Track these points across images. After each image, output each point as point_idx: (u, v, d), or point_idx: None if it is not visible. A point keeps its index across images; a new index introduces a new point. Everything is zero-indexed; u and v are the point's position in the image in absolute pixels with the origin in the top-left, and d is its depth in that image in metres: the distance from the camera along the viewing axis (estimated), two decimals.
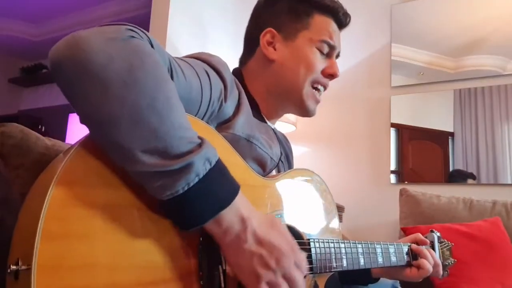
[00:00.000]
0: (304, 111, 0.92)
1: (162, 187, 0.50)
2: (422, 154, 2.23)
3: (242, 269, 0.56)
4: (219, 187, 0.54)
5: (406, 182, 2.21)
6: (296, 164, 1.03)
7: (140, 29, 0.55)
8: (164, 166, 0.49)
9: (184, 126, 0.53)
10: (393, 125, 2.31)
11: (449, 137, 2.18)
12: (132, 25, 0.54)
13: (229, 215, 0.55)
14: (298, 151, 2.51)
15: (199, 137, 0.54)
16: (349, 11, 0.95)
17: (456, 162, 2.13)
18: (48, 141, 0.74)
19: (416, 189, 1.97)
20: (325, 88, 0.93)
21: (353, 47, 2.46)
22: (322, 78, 0.90)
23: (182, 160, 0.50)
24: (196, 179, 0.51)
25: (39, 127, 4.05)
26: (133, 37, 0.52)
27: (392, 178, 2.26)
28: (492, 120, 2.10)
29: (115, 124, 0.48)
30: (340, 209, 2.12)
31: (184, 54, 0.81)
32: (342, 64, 2.53)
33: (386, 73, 2.37)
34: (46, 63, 4.50)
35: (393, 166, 2.27)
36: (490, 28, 2.15)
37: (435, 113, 2.25)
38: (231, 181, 0.57)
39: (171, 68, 0.60)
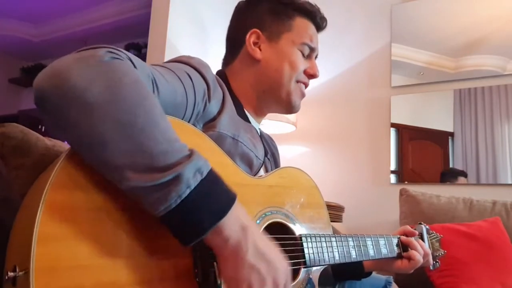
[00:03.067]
0: (290, 107, 0.96)
1: (155, 202, 0.50)
2: (422, 154, 2.23)
3: (238, 280, 0.56)
4: (215, 198, 0.53)
5: (406, 182, 2.21)
6: (296, 164, 1.03)
7: (118, 49, 0.56)
8: (153, 180, 0.49)
9: (170, 139, 0.52)
10: (393, 125, 2.31)
11: (449, 137, 2.18)
12: (110, 46, 0.55)
13: (229, 224, 0.54)
14: (298, 151, 2.51)
15: (189, 149, 0.54)
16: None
17: (456, 162, 2.13)
18: (48, 142, 0.74)
19: (416, 189, 1.97)
20: (305, 86, 0.98)
21: (353, 47, 2.47)
22: (304, 78, 0.95)
23: (170, 172, 0.49)
24: (188, 191, 0.50)
25: (39, 127, 4.05)
26: (112, 58, 0.52)
27: (392, 178, 2.26)
28: (492, 120, 2.10)
29: (100, 144, 0.49)
30: (340, 209, 2.12)
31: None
32: (342, 64, 2.55)
33: (386, 73, 2.37)
34: (46, 63, 4.50)
35: (393, 166, 2.27)
36: (490, 28, 2.15)
37: (435, 113, 2.25)
38: (226, 190, 0.56)
39: (154, 80, 0.61)
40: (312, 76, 0.96)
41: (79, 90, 0.48)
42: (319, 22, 0.98)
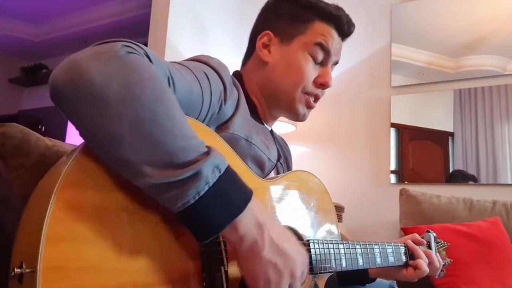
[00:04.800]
0: (295, 115, 0.92)
1: (173, 199, 0.50)
2: (422, 154, 2.23)
3: (256, 276, 0.56)
4: (232, 194, 0.54)
5: (406, 182, 2.21)
6: (296, 164, 1.03)
7: (136, 43, 0.55)
8: (172, 176, 0.49)
9: (188, 135, 0.52)
10: (393, 125, 2.31)
11: (449, 137, 2.18)
12: (127, 40, 0.54)
13: (245, 221, 0.54)
14: (298, 151, 2.51)
15: (207, 146, 0.54)
16: (349, 11, 0.95)
17: (456, 162, 2.13)
18: (49, 141, 0.74)
19: (416, 189, 1.97)
20: (316, 99, 0.91)
21: (353, 47, 2.46)
22: (313, 89, 0.89)
23: (190, 169, 0.49)
24: (206, 187, 0.51)
25: (39, 127, 4.05)
26: (129, 52, 0.52)
27: (392, 178, 2.26)
28: (492, 120, 2.10)
29: (119, 141, 0.48)
30: (340, 209, 2.12)
31: (184, 54, 0.82)
32: (342, 64, 2.52)
33: (386, 73, 2.37)
34: (46, 63, 4.50)
35: (393, 166, 2.27)
36: (490, 28, 2.15)
37: (435, 113, 2.25)
38: (243, 186, 0.56)
39: (171, 76, 0.60)
40: (322, 85, 0.89)
41: (96, 86, 0.48)
42: (344, 27, 0.90)
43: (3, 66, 4.49)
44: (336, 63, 0.94)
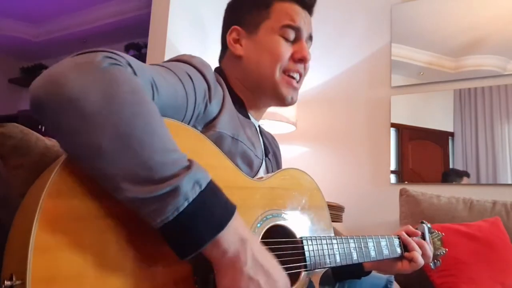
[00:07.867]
0: (281, 100, 0.91)
1: (152, 214, 0.49)
2: (422, 154, 2.23)
3: None
4: (213, 210, 0.52)
5: (406, 182, 2.21)
6: (296, 164, 1.03)
7: (117, 53, 0.54)
8: (150, 191, 0.48)
9: (168, 149, 0.51)
10: (393, 125, 2.30)
11: (449, 137, 2.18)
12: (109, 50, 0.53)
13: (227, 236, 0.53)
14: (298, 151, 2.51)
15: (188, 160, 0.53)
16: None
17: (456, 162, 2.13)
18: (48, 141, 0.74)
19: (416, 189, 1.97)
20: (300, 75, 0.91)
21: (353, 47, 2.46)
22: (293, 65, 0.89)
23: (167, 185, 0.48)
24: (186, 203, 0.49)
25: (39, 127, 4.04)
26: (110, 64, 0.51)
27: (392, 178, 2.26)
28: (492, 120, 2.10)
29: (96, 155, 0.48)
30: (340, 209, 2.12)
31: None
32: (342, 64, 2.55)
33: (386, 73, 2.37)
34: (45, 63, 4.50)
35: (393, 166, 2.27)
36: (490, 28, 2.15)
37: (435, 113, 2.25)
38: (225, 202, 0.55)
39: (154, 82, 0.60)
40: (300, 60, 0.89)
41: (75, 98, 0.47)
42: (305, 0, 0.90)
43: (2, 66, 4.50)
44: (310, 37, 0.93)
